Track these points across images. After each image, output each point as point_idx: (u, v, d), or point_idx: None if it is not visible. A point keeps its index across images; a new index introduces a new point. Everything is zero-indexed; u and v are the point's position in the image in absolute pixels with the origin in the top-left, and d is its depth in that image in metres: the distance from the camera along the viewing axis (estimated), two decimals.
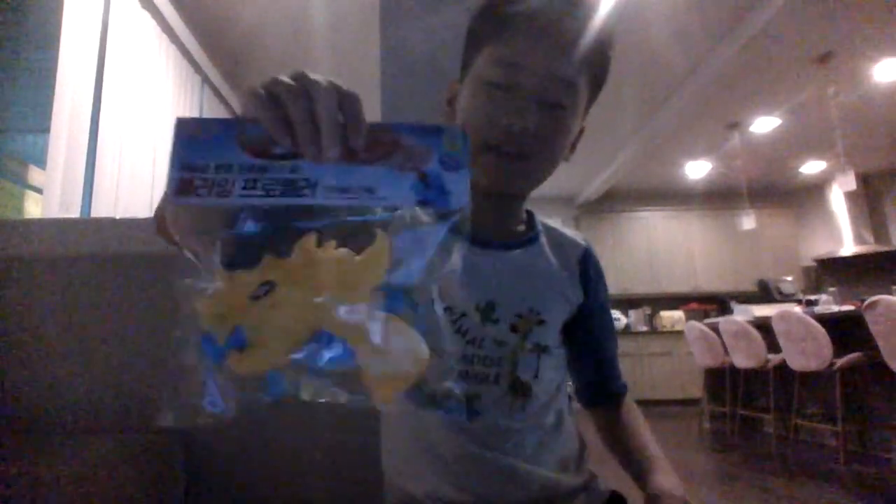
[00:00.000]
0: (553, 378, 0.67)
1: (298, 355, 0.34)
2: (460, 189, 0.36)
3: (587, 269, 0.73)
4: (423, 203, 0.35)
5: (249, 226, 0.36)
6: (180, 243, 0.42)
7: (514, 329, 0.64)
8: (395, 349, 0.35)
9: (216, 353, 0.33)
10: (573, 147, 0.69)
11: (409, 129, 0.36)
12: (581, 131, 0.69)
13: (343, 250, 0.36)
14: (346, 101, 0.35)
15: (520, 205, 0.72)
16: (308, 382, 0.35)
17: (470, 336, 0.62)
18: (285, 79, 0.36)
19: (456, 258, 0.39)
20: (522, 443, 0.63)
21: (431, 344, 0.36)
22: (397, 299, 0.36)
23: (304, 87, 0.35)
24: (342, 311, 0.34)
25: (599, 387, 0.77)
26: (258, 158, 0.35)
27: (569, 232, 0.77)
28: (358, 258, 0.36)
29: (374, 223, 0.36)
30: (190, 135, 0.35)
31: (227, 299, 0.34)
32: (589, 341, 0.75)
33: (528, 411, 0.64)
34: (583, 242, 0.75)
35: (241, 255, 0.36)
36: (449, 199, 0.35)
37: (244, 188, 0.34)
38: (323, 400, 0.35)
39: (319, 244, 0.36)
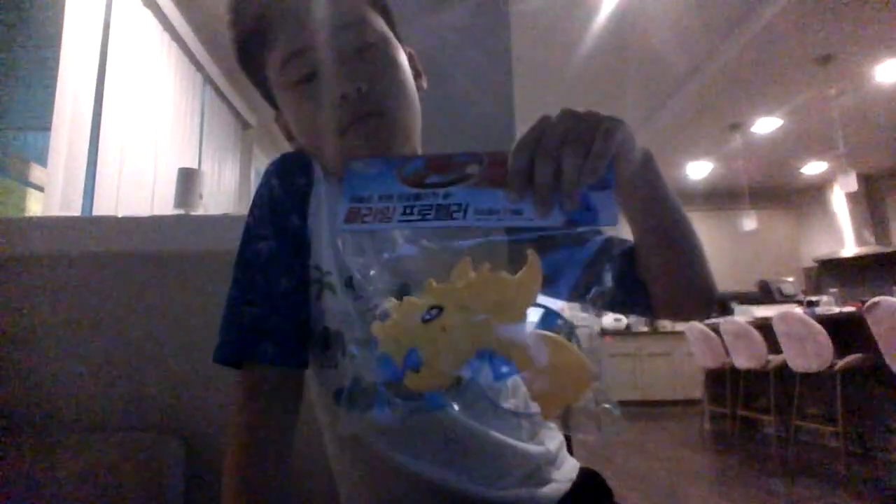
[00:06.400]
0: None
1: (465, 372, 0.37)
2: (608, 206, 0.36)
3: None
4: (571, 223, 0.36)
5: (407, 248, 0.40)
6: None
7: None
8: (558, 367, 0.36)
9: (394, 374, 0.37)
10: (418, 73, 0.66)
11: None
12: (411, 56, 0.66)
13: (500, 272, 0.38)
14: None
15: None
16: (464, 396, 0.38)
17: None
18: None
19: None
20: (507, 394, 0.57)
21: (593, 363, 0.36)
22: (552, 316, 0.37)
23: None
24: (502, 330, 0.36)
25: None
26: (415, 188, 0.39)
27: None
28: (513, 279, 0.37)
29: (524, 244, 0.38)
30: (357, 172, 0.40)
31: (401, 324, 0.38)
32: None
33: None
34: None
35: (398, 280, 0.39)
36: (597, 218, 0.36)
37: (403, 214, 0.38)
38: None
39: (474, 268, 0.38)
